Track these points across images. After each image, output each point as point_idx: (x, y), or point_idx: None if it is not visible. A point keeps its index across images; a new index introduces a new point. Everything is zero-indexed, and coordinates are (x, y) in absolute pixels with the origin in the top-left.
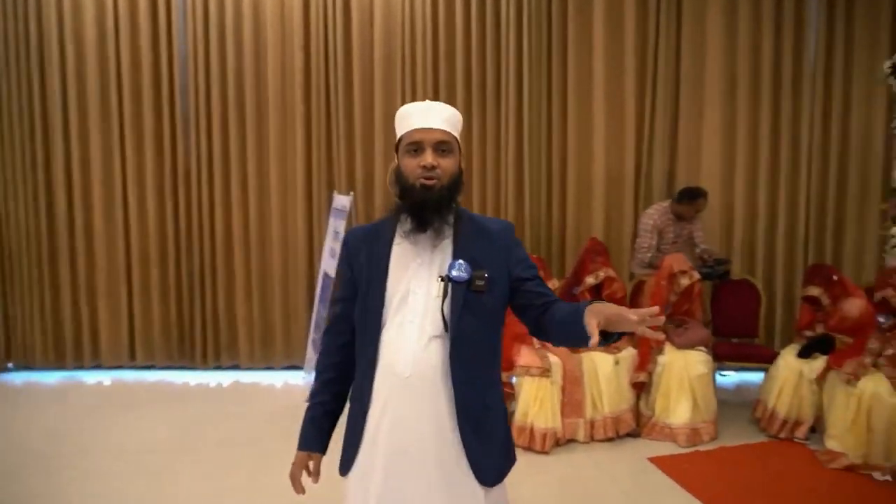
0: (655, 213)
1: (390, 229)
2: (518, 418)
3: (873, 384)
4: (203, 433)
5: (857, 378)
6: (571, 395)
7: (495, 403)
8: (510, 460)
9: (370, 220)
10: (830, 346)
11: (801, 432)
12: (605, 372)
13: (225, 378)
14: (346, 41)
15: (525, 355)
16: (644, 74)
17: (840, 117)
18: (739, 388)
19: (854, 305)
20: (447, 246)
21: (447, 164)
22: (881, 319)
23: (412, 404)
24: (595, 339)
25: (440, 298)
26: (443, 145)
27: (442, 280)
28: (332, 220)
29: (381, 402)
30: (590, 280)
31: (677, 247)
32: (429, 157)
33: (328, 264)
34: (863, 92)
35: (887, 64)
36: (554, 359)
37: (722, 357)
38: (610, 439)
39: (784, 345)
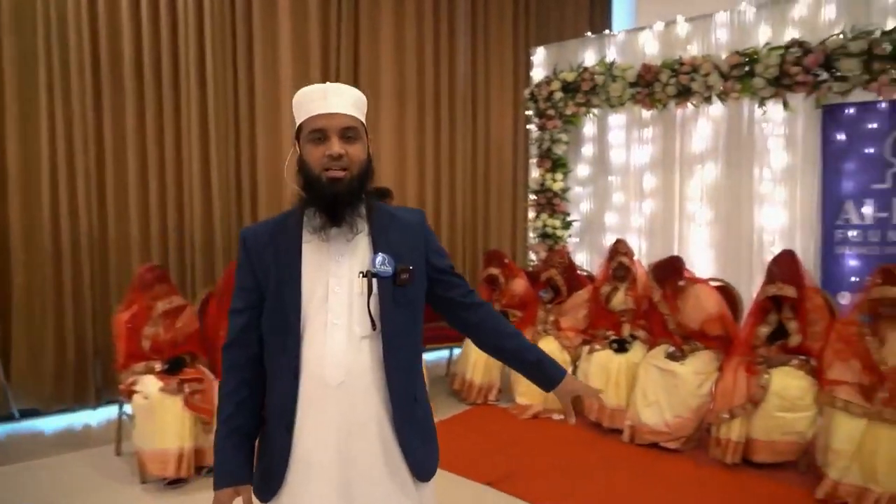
0: None
1: (295, 224)
2: None
3: (547, 345)
4: None
5: (535, 342)
6: None
7: (421, 395)
8: (437, 450)
9: None
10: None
11: (493, 395)
12: None
13: None
14: None
15: None
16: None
17: (484, 128)
18: None
19: (518, 285)
20: (363, 239)
21: (355, 151)
22: (542, 295)
23: (348, 412)
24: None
25: (365, 296)
26: (349, 131)
27: (364, 276)
28: None
29: (310, 415)
30: None
31: None
32: (335, 146)
33: None
34: (497, 110)
35: (527, 91)
36: None
37: (425, 341)
38: None
39: None
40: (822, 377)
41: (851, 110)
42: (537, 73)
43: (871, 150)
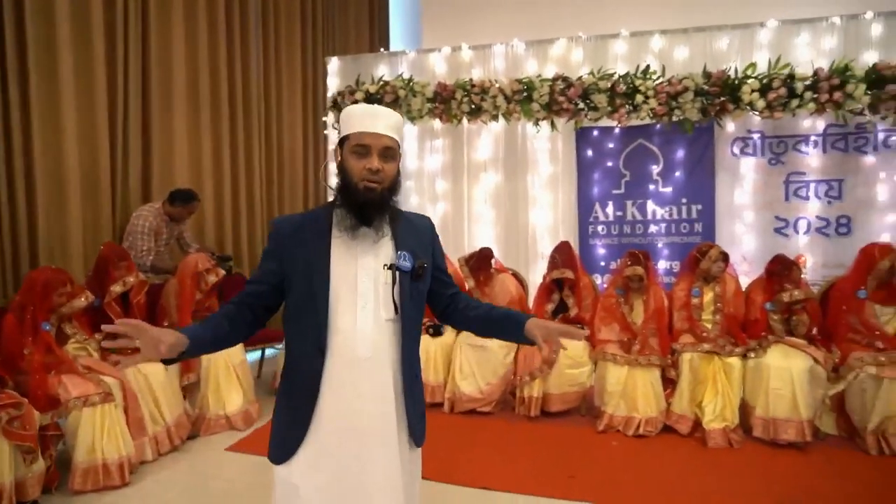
0: (150, 215)
1: (324, 221)
2: (83, 459)
3: None
4: None
5: None
6: (134, 414)
7: (419, 372)
8: (425, 419)
9: None
10: None
11: None
12: (158, 381)
13: None
14: None
15: (75, 386)
16: (115, 80)
17: (277, 132)
18: None
19: None
20: (387, 239)
21: (390, 168)
22: None
23: (369, 384)
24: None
25: (390, 285)
26: (388, 151)
27: (390, 268)
28: None
29: (335, 385)
30: (117, 288)
31: (170, 248)
32: (375, 162)
33: None
34: (289, 114)
35: (329, 98)
36: (110, 380)
37: (255, 342)
38: (175, 448)
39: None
40: (594, 338)
41: (596, 132)
42: (332, 83)
43: (611, 164)
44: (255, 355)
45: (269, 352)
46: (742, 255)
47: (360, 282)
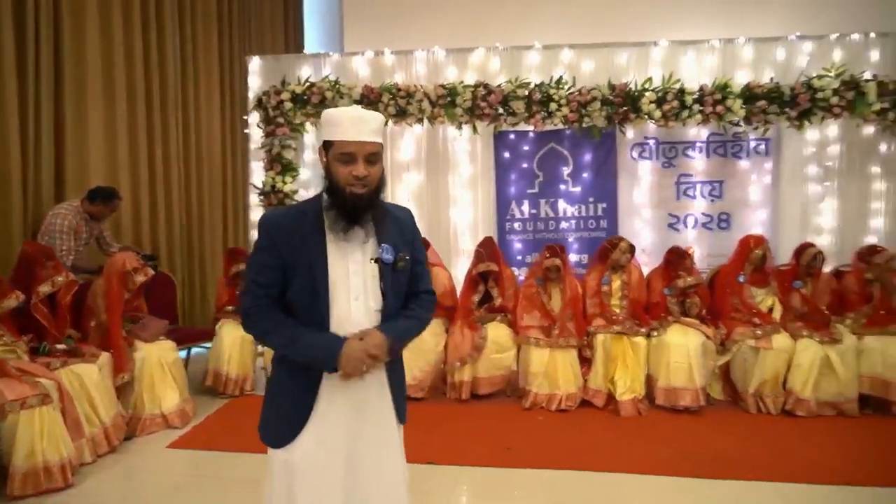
0: (69, 214)
1: (315, 216)
2: (22, 464)
3: None
4: None
5: None
6: (71, 416)
7: (401, 356)
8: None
9: None
10: None
11: (248, 386)
12: (93, 381)
13: None
14: None
15: (10, 389)
16: (25, 76)
17: (195, 130)
18: None
19: None
20: (372, 233)
21: (375, 171)
22: None
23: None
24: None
25: (377, 278)
26: (372, 156)
27: (376, 262)
28: None
29: (335, 373)
30: (45, 289)
31: (89, 247)
32: (361, 169)
33: None
34: (207, 112)
35: (253, 98)
36: (46, 381)
37: (181, 342)
38: (113, 449)
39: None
40: (518, 325)
41: (513, 136)
42: (253, 82)
43: (526, 166)
44: (181, 354)
45: (194, 350)
46: (642, 248)
47: (352, 275)
